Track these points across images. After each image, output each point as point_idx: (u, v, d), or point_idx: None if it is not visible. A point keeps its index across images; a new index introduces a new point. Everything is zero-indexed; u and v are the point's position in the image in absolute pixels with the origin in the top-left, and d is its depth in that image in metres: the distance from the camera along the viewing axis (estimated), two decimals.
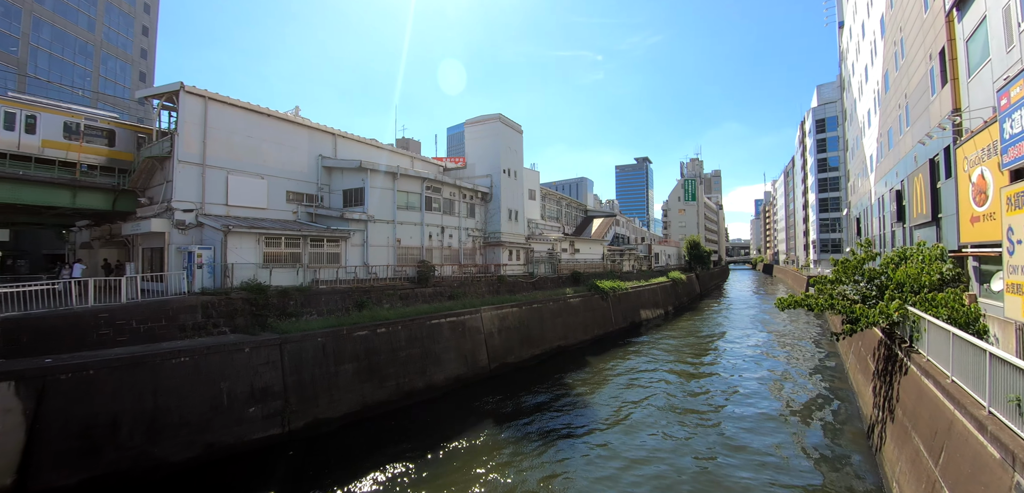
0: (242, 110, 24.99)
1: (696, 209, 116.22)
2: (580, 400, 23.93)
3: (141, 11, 78.20)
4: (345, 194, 28.65)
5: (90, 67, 68.98)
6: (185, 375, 17.14)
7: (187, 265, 20.94)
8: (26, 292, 17.17)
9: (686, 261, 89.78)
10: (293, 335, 20.50)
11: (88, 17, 69.66)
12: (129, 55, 75.15)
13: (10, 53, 58.88)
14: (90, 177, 23.31)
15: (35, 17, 62.48)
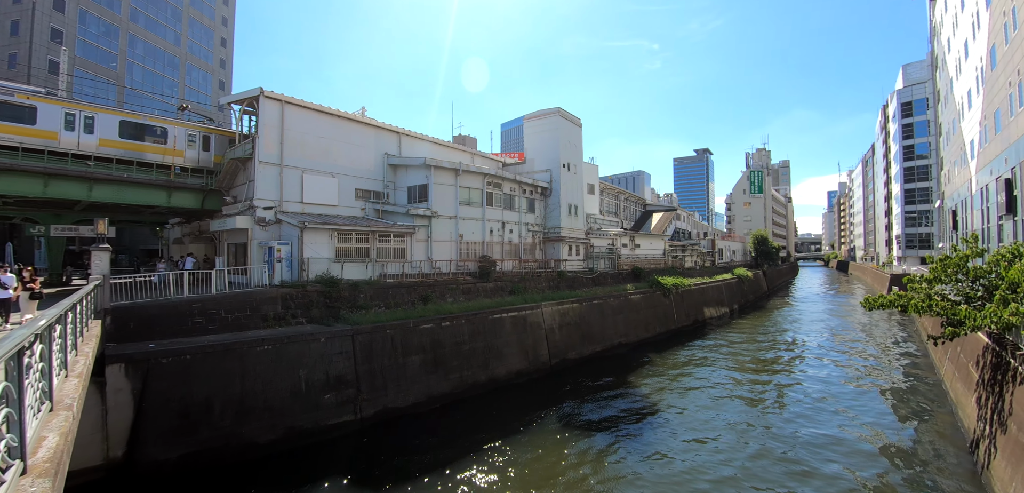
0: (314, 112, 26.19)
1: (763, 202, 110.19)
2: (642, 401, 23.26)
3: (219, 24, 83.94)
4: (409, 191, 29.40)
5: (176, 77, 74.95)
6: (268, 362, 18.21)
7: (267, 259, 22.24)
8: (132, 283, 18.90)
9: (752, 257, 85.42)
10: (364, 327, 21.27)
11: (175, 32, 75.56)
12: (209, 65, 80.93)
13: (110, 68, 64.99)
14: (183, 178, 25.31)
15: (131, 34, 68.54)
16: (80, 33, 61.03)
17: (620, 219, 62.49)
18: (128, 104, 57.79)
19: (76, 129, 22.45)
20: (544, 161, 38.81)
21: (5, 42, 56.93)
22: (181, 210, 27.48)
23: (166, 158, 24.97)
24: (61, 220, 29.01)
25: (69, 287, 29.37)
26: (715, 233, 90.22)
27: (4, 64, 54.51)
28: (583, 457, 16.96)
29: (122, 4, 67.51)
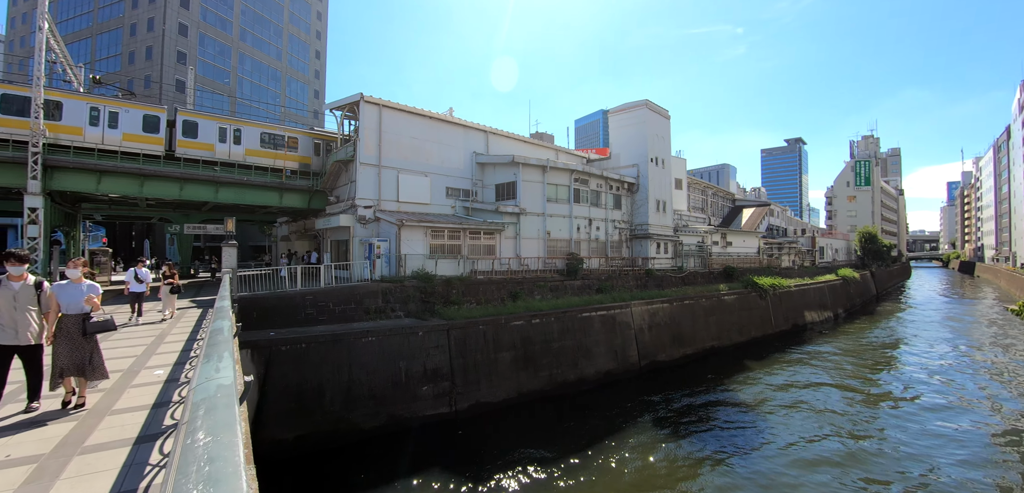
0: (408, 114, 27.15)
1: (870, 195, 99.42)
2: (737, 409, 21.63)
3: (314, 38, 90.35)
4: (497, 188, 29.62)
5: (278, 89, 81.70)
6: (372, 353, 19.04)
7: (368, 255, 23.34)
8: (252, 276, 20.63)
9: (858, 256, 77.46)
10: (458, 321, 21.65)
11: (277, 47, 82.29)
12: (306, 76, 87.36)
13: (224, 84, 72.14)
14: (292, 181, 27.34)
15: (240, 53, 75.59)
16: (200, 54, 68.28)
17: (708, 215, 59.21)
18: (238, 115, 63.64)
19: (227, 141, 25.53)
20: (630, 156, 37.56)
21: (141, 66, 65.01)
22: (289, 210, 29.71)
23: (278, 162, 27.14)
24: (190, 219, 32.53)
25: (196, 279, 33.00)
26: (814, 230, 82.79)
27: (141, 84, 62.39)
28: (674, 465, 16.07)
29: (233, 26, 74.67)
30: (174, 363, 8.18)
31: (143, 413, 5.50)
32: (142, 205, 28.84)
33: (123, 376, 7.32)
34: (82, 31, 68.06)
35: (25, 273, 5.85)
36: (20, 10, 75.64)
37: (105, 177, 22.58)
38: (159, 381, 6.99)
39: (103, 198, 26.19)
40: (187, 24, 66.67)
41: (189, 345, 10.14)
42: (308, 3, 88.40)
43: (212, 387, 2.20)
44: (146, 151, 23.43)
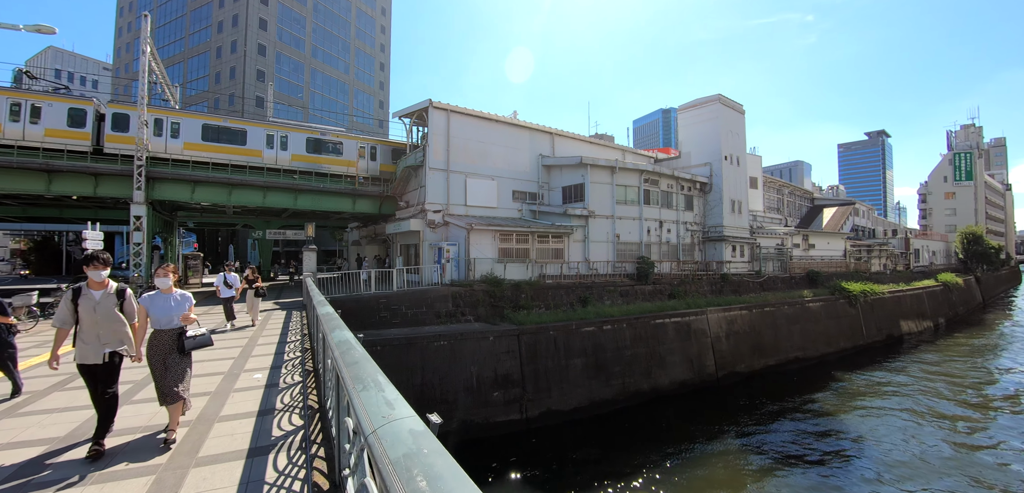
0: (475, 118, 27.16)
1: (972, 191, 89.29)
2: (827, 428, 19.60)
3: (378, 51, 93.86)
4: (564, 191, 28.99)
5: (346, 100, 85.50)
6: (444, 357, 18.99)
7: (437, 259, 23.46)
8: (329, 279, 21.24)
9: (959, 259, 69.69)
10: (529, 327, 21.19)
11: (344, 62, 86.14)
12: (371, 87, 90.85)
13: (298, 98, 76.34)
14: (364, 187, 28.14)
15: (312, 69, 79.78)
16: (277, 72, 72.72)
17: (784, 216, 55.34)
18: None
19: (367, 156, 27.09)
20: (702, 154, 35.67)
21: (227, 84, 70.09)
22: (360, 215, 30.63)
23: (348, 169, 28.06)
24: (270, 225, 34.35)
25: (276, 282, 34.86)
26: (906, 231, 75.38)
27: (225, 101, 67.33)
28: (760, 487, 14.67)
29: (306, 44, 79.03)
30: (270, 366, 8.24)
31: (250, 422, 5.40)
32: (229, 212, 30.77)
33: (224, 379, 7.40)
34: (176, 56, 74.52)
35: (107, 279, 5.13)
36: (124, 41, 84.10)
37: (199, 187, 24.22)
38: (259, 385, 6.99)
39: (196, 206, 28.14)
40: (265, 45, 71.23)
41: (280, 347, 10.31)
42: (372, 18, 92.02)
43: (403, 433, 1.77)
44: (234, 161, 24.97)
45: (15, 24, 12.42)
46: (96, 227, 17.71)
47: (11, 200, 24.92)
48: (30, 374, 7.98)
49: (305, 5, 78.37)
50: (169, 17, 78.41)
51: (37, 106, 21.38)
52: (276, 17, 72.73)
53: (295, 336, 11.63)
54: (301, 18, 78.65)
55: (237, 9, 70.03)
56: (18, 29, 12.50)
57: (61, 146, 21.54)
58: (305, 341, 10.72)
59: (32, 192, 21.44)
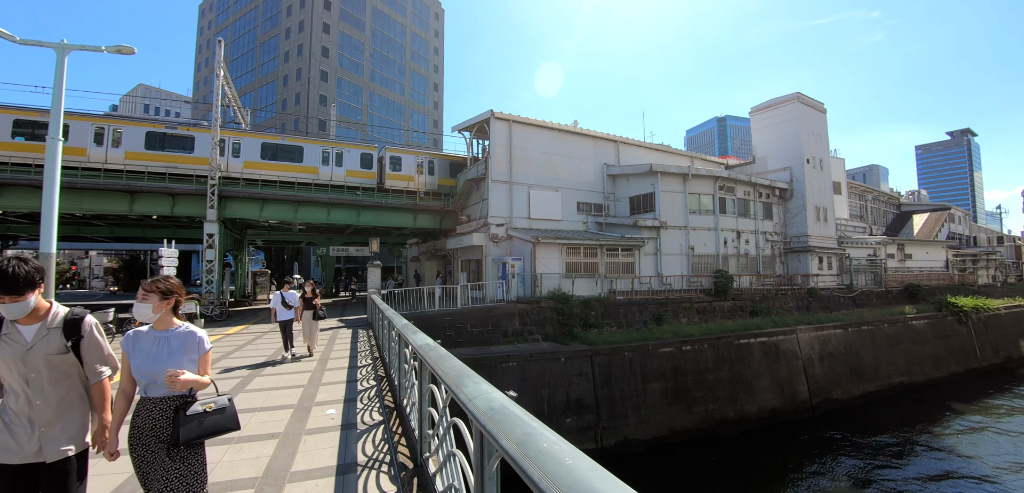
0: (537, 128, 26.14)
1: None
2: (949, 474, 16.57)
3: (432, 72, 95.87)
4: (631, 201, 27.29)
5: (401, 120, 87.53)
6: (513, 379, 17.75)
7: (501, 275, 22.42)
8: (393, 294, 20.65)
9: None
10: (602, 347, 19.63)
11: (400, 84, 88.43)
12: (425, 107, 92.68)
13: (357, 120, 78.81)
14: (425, 202, 27.73)
15: (370, 92, 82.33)
16: (338, 96, 75.49)
17: (868, 224, 50.39)
18: None
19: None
20: (779, 158, 32.82)
21: (292, 110, 73.41)
22: (420, 230, 30.27)
23: (410, 184, 27.77)
24: (334, 242, 34.75)
25: (338, 298, 35.15)
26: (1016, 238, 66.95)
27: (291, 125, 70.48)
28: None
29: (364, 68, 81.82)
30: (344, 398, 7.30)
31: (329, 482, 4.34)
32: (295, 230, 31.33)
33: (294, 416, 6.47)
34: (248, 85, 79.15)
35: (42, 302, 2.77)
36: (202, 75, 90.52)
37: (267, 204, 24.60)
38: (333, 425, 5.99)
39: (264, 224, 28.76)
40: (327, 71, 74.29)
41: (352, 373, 9.42)
42: (426, 41, 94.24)
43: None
44: (291, 179, 25.35)
45: (98, 46, 12.58)
46: (172, 245, 17.97)
47: (99, 220, 26.36)
48: None
49: (363, 32, 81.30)
50: (242, 51, 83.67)
51: (119, 131, 22.47)
52: (337, 45, 75.81)
53: (365, 360, 10.75)
54: (360, 44, 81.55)
55: (301, 39, 73.61)
56: (101, 51, 12.66)
57: (141, 168, 22.51)
58: (377, 366, 9.78)
59: (116, 212, 22.41)
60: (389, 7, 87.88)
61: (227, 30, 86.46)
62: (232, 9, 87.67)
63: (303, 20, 74.99)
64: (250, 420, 6.27)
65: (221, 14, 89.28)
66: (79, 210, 22.18)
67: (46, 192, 12.02)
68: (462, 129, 27.23)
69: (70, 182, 21.12)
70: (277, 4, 79.36)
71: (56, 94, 12.24)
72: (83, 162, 21.78)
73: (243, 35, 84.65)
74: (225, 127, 25.66)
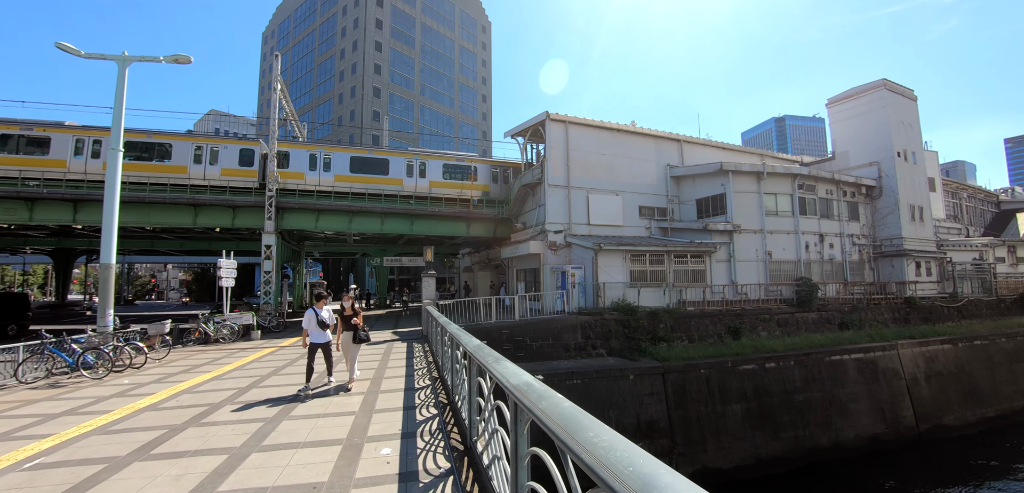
0: (596, 129, 24.73)
1: None
2: None
3: (480, 84, 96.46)
4: (699, 204, 25.22)
5: (451, 132, 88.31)
6: (578, 398, 16.25)
7: (560, 285, 21.05)
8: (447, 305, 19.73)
9: None
10: (674, 363, 17.82)
11: (449, 97, 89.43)
12: (474, 119, 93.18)
13: (409, 133, 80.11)
14: (479, 209, 26.87)
15: (421, 106, 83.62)
16: (390, 111, 77.09)
17: (964, 225, 45.03)
18: None
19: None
20: (864, 152, 29.60)
21: (347, 127, 75.57)
22: (473, 239, 29.45)
23: (465, 193, 27.01)
24: (388, 253, 34.61)
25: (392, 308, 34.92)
26: None
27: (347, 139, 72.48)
28: None
29: (415, 83, 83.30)
30: (401, 433, 6.21)
31: None
32: (350, 241, 31.35)
33: (342, 459, 5.37)
34: (306, 105, 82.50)
35: None
36: (265, 98, 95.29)
37: (322, 215, 24.53)
38: (390, 473, 4.85)
39: (321, 235, 28.89)
40: (380, 87, 76.18)
41: (408, 398, 8.38)
42: (474, 54, 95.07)
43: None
44: (355, 189, 25.13)
45: (156, 57, 12.44)
46: (230, 256, 17.93)
47: (167, 233, 27.34)
48: (134, 419, 6.86)
49: (413, 48, 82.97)
50: (301, 73, 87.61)
51: (215, 149, 23.33)
52: (388, 61, 77.70)
53: (422, 379, 9.70)
54: (410, 60, 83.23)
55: (355, 58, 76.00)
56: (159, 61, 12.54)
57: (237, 184, 23.24)
58: (436, 387, 8.69)
59: (182, 225, 22.95)
60: (438, 23, 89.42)
61: (288, 55, 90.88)
62: (292, 34, 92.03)
63: (356, 40, 77.38)
64: None
65: (282, 40, 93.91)
66: (149, 224, 22.89)
67: (107, 203, 11.92)
68: (515, 134, 26.22)
69: (138, 196, 21.79)
70: (333, 26, 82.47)
71: (117, 105, 12.18)
72: (185, 180, 22.81)
73: (302, 58, 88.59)
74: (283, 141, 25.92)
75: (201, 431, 6.48)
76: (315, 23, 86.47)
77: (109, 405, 7.91)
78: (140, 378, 10.24)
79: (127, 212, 22.27)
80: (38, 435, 6.37)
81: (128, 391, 9.03)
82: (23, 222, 21.53)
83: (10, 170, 21.00)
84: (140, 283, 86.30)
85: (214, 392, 8.76)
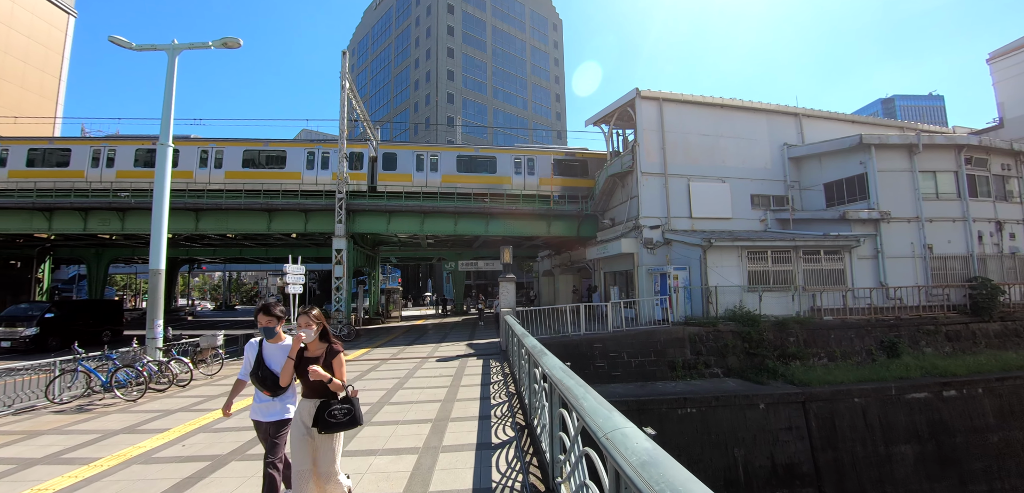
0: (694, 105, 21.16)
1: None
2: None
3: (553, 84, 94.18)
4: (828, 189, 20.71)
5: (525, 135, 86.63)
6: (693, 432, 13.06)
7: (659, 289, 17.80)
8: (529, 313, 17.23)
9: None
10: (818, 389, 13.98)
11: (522, 99, 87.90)
12: (548, 119, 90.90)
13: (483, 138, 79.49)
14: (560, 206, 24.22)
15: (494, 109, 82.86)
16: (463, 116, 76.97)
17: None
18: None
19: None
20: None
21: (423, 133, 76.43)
22: (554, 240, 26.84)
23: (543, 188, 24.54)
24: (463, 256, 32.95)
25: (468, 315, 33.21)
26: None
27: None
28: None
29: (487, 87, 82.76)
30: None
31: None
32: (424, 244, 30.06)
33: None
34: (385, 116, 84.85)
35: None
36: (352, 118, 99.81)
37: (394, 217, 23.15)
38: None
39: (394, 239, 27.75)
40: (453, 93, 76.41)
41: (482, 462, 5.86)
42: (546, 53, 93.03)
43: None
44: (461, 189, 23.85)
45: (205, 43, 11.23)
46: (298, 261, 16.76)
47: (247, 240, 27.50)
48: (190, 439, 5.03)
49: (485, 52, 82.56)
50: (379, 87, 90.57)
51: (326, 154, 23.14)
52: (461, 67, 77.81)
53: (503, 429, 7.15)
54: (482, 65, 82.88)
55: (429, 66, 76.88)
56: (208, 47, 11.36)
57: (352, 188, 22.78)
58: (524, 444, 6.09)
59: (257, 231, 22.58)
60: (508, 24, 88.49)
61: (367, 70, 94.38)
62: (370, 50, 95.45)
63: (429, 48, 78.26)
64: None
65: (361, 56, 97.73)
66: (228, 231, 22.77)
67: (156, 204, 10.74)
68: (598, 120, 23.28)
69: (216, 204, 21.67)
70: (407, 38, 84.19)
71: (167, 96, 11.06)
72: (297, 185, 22.86)
73: (379, 72, 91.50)
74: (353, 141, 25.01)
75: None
76: (391, 37, 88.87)
77: (95, 450, 6.17)
78: (171, 402, 8.74)
79: (206, 219, 22.29)
80: None
81: (140, 425, 7.40)
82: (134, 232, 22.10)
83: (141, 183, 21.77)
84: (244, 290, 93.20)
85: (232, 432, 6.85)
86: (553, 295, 31.47)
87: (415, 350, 16.35)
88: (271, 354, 3.87)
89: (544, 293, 34.29)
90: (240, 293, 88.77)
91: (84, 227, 21.71)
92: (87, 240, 26.14)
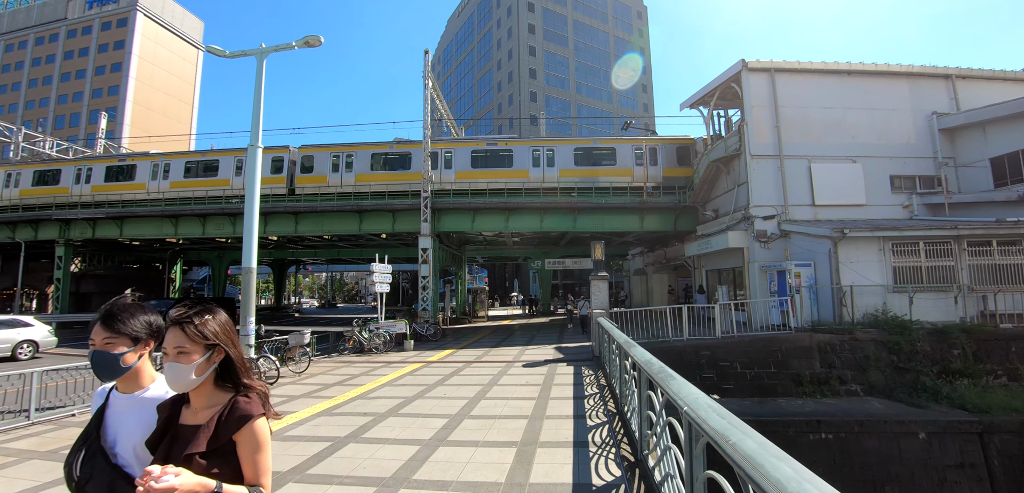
0: (815, 74, 18.25)
1: None
2: None
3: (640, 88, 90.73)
4: (995, 164, 16.81)
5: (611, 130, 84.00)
6: (829, 462, 10.83)
7: (778, 288, 15.40)
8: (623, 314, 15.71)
9: None
10: (1001, 418, 11.02)
11: (607, 92, 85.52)
12: (635, 111, 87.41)
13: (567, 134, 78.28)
14: (655, 198, 22.26)
15: (577, 104, 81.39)
16: (547, 113, 76.13)
17: None
18: None
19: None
20: None
21: (507, 133, 76.88)
22: (647, 235, 24.86)
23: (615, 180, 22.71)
24: (549, 255, 31.92)
25: (556, 316, 32.14)
26: None
27: None
28: None
29: (570, 83, 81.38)
30: None
31: None
32: (509, 243, 29.47)
33: None
34: (470, 119, 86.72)
35: None
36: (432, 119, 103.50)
37: (479, 215, 22.72)
38: None
39: (479, 237, 27.43)
40: (536, 91, 75.93)
41: None
42: (630, 43, 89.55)
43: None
44: (511, 186, 22.94)
45: (289, 44, 11.25)
46: (385, 260, 16.75)
47: (342, 241, 28.70)
48: None
49: (566, 47, 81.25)
50: (463, 91, 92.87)
51: (449, 154, 23.50)
52: (543, 65, 77.17)
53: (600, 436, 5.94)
54: (564, 60, 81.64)
55: (511, 67, 77.11)
56: (292, 47, 11.35)
57: (478, 186, 23.13)
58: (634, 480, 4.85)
59: (349, 232, 23.30)
60: (590, 17, 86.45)
61: (452, 76, 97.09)
62: (454, 57, 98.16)
63: (511, 48, 78.41)
64: None
65: (446, 64, 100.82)
66: (324, 232, 23.75)
67: (247, 204, 10.88)
68: (696, 103, 21.03)
69: (312, 206, 22.65)
70: (489, 41, 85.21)
71: (256, 98, 11.23)
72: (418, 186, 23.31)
73: (463, 77, 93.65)
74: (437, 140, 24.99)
75: None
76: (473, 42, 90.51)
77: None
78: None
79: (304, 222, 23.42)
80: None
81: None
82: None
83: None
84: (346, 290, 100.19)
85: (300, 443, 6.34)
86: (646, 296, 29.31)
87: (501, 353, 15.57)
88: (120, 421, 1.75)
89: (636, 293, 32.11)
90: (343, 292, 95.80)
91: (203, 231, 23.80)
92: (207, 243, 28.80)
